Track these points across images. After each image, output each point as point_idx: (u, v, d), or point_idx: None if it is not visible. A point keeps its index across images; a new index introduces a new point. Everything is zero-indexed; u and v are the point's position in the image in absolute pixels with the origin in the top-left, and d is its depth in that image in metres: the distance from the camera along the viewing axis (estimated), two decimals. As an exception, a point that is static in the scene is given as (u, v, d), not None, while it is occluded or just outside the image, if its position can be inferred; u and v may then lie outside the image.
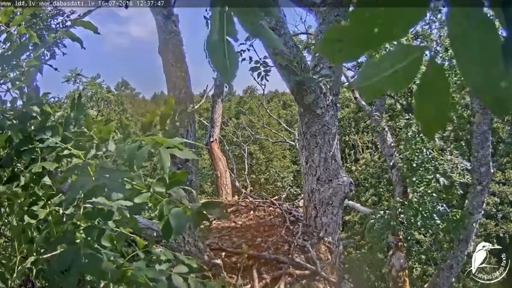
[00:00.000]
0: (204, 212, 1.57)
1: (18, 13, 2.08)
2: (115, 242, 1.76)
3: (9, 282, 2.10)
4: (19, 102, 1.91)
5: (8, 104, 1.93)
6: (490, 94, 0.56)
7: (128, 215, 1.70)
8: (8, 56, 1.90)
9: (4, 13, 1.89)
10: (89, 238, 1.64)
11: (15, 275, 2.08)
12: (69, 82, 13.10)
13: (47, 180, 1.86)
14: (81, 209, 1.70)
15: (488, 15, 0.55)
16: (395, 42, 0.67)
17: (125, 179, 1.54)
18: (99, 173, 1.49)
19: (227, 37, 0.82)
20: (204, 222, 1.65)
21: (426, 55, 0.63)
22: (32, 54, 2.02)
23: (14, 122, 1.81)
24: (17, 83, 1.94)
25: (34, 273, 2.08)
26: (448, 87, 0.63)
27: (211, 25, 0.83)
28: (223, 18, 0.81)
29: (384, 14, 0.58)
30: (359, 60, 13.63)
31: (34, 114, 1.83)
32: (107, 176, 1.48)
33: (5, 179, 1.89)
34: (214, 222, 6.24)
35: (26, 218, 1.81)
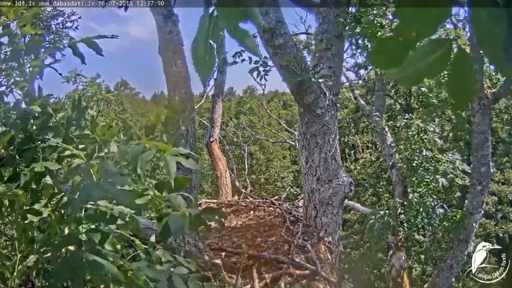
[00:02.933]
0: (202, 217, 1.60)
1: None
2: (117, 244, 1.77)
3: (9, 281, 2.09)
4: (23, 105, 1.92)
5: (11, 104, 1.93)
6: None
7: (130, 217, 1.71)
8: (19, 53, 1.91)
9: (14, 11, 1.89)
10: (90, 240, 1.65)
11: (15, 274, 2.07)
12: (68, 82, 13.07)
13: (48, 179, 1.86)
14: (83, 211, 1.70)
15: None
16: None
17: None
18: (101, 175, 1.51)
19: (210, 40, 0.92)
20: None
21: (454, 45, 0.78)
22: (33, 55, 2.02)
23: (17, 121, 1.82)
24: (20, 82, 1.94)
25: (34, 272, 2.08)
26: (472, 65, 0.78)
27: (200, 27, 0.92)
28: (211, 21, 0.90)
29: (417, 18, 0.73)
30: (358, 62, 13.60)
31: (36, 114, 1.84)
32: (110, 180, 1.50)
33: (6, 178, 1.89)
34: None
35: (29, 216, 1.81)
